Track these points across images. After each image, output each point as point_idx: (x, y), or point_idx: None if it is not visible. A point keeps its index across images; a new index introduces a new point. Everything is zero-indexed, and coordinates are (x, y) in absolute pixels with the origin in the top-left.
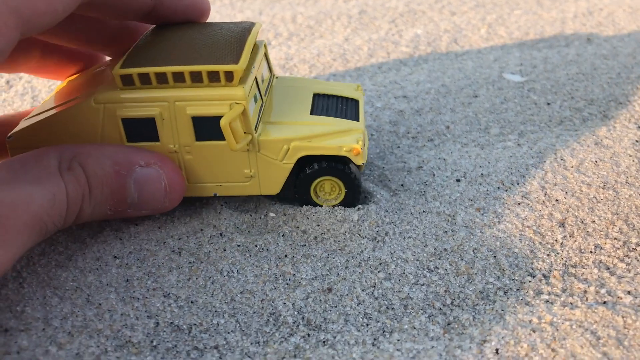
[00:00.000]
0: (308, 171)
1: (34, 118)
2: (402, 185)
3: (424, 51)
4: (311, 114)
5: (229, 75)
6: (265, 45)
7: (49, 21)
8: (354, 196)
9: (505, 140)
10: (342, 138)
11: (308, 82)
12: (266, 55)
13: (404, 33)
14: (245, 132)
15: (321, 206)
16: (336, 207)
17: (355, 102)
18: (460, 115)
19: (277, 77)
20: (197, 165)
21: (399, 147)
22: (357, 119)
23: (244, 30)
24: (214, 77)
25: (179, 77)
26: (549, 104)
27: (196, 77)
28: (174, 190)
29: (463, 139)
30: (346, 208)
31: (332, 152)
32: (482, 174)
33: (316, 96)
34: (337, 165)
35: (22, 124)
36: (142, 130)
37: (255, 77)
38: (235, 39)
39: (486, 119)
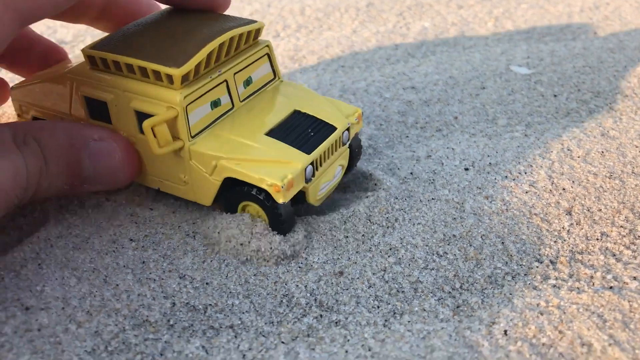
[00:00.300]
0: (233, 191)
1: (39, 76)
2: (411, 173)
3: (432, 43)
4: (269, 133)
5: (169, 78)
6: (269, 47)
7: (52, 10)
8: (278, 228)
9: (512, 131)
10: (273, 170)
11: (301, 95)
12: (269, 57)
13: (412, 26)
14: (179, 138)
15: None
16: (347, 193)
17: (330, 130)
18: (468, 106)
19: (281, 81)
20: (142, 155)
21: (407, 136)
22: (310, 151)
23: (225, 29)
24: (157, 76)
25: (130, 69)
26: (555, 96)
27: (144, 73)
28: (128, 164)
29: (471, 129)
30: (357, 193)
31: (254, 182)
32: (490, 163)
33: (294, 114)
34: (258, 195)
35: (27, 80)
36: (99, 110)
37: (227, 82)
38: (205, 38)
39: (494, 110)
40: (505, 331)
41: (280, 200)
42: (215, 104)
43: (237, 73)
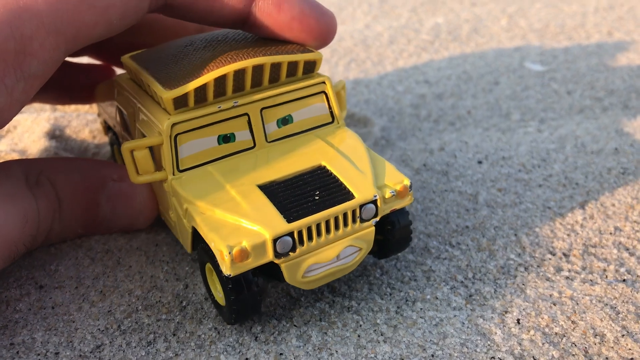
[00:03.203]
0: (200, 247)
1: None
2: (424, 165)
3: (445, 39)
4: (264, 186)
5: (161, 101)
6: (325, 83)
7: (101, 33)
8: (230, 310)
9: (526, 126)
10: (233, 232)
11: (344, 148)
12: (326, 96)
13: (425, 22)
14: (164, 169)
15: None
16: None
17: (344, 198)
18: (481, 101)
19: (338, 127)
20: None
21: (420, 129)
22: (295, 219)
23: (258, 55)
24: (157, 97)
25: (144, 85)
26: (569, 93)
27: (151, 92)
28: (149, 207)
29: (484, 123)
30: None
31: (207, 241)
32: (503, 156)
33: (316, 169)
34: (215, 259)
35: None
36: (125, 122)
37: (248, 116)
38: (223, 64)
39: (507, 106)
40: (518, 320)
41: (226, 271)
42: (226, 139)
43: (267, 108)
